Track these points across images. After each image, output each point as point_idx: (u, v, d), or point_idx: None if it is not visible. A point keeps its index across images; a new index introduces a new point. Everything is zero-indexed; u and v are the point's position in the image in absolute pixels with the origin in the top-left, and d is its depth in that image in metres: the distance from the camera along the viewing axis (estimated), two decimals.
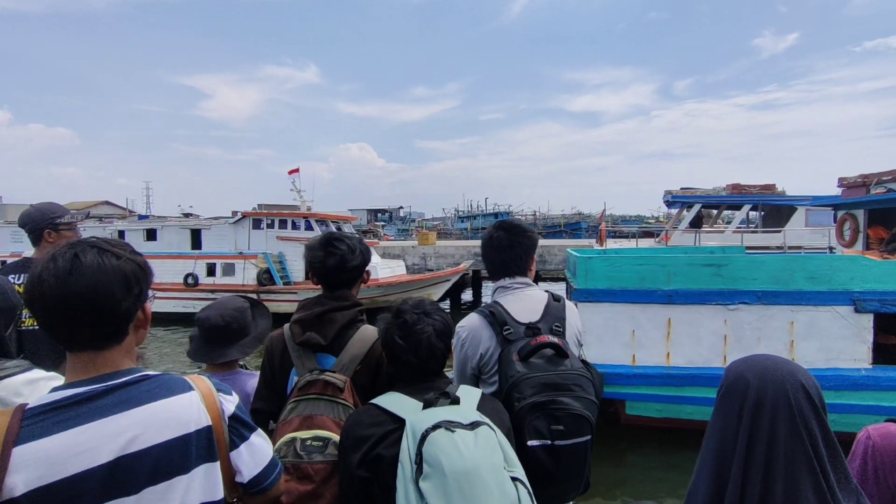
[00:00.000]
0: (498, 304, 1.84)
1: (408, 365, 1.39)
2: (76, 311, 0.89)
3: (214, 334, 1.87)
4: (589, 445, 1.61)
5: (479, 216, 45.11)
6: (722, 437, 0.96)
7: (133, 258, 0.97)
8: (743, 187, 11.75)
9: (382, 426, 1.29)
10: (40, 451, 0.83)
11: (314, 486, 1.43)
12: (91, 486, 0.85)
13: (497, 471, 1.15)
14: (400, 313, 1.42)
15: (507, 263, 1.93)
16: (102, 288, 0.90)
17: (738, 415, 0.95)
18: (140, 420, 0.91)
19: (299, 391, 1.55)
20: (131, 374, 0.95)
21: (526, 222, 2.27)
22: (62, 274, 0.89)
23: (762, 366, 0.96)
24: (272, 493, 1.16)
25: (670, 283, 5.44)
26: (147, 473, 0.90)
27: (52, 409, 0.87)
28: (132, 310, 0.96)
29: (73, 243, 0.94)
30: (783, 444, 0.90)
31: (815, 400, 0.93)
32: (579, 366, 1.67)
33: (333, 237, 1.75)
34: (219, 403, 1.03)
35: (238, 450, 1.07)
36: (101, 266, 0.91)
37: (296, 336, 1.65)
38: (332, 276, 1.71)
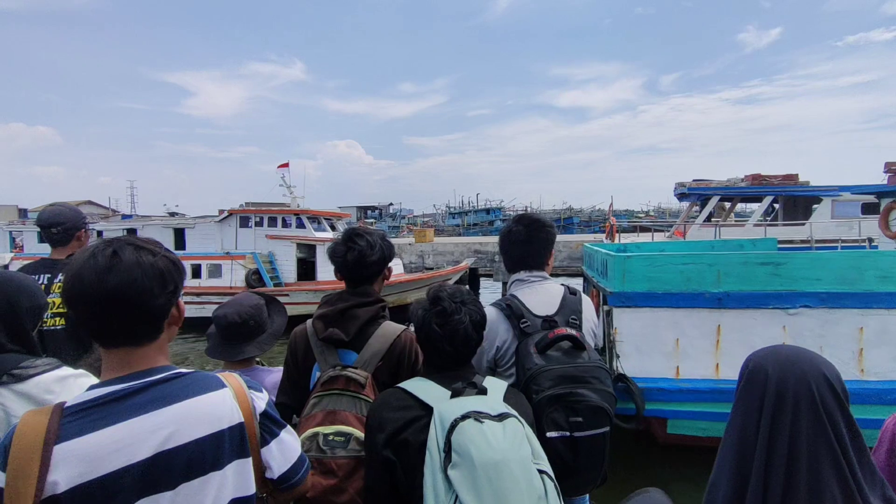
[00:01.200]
0: (514, 298, 1.84)
1: (441, 352, 1.39)
2: (115, 306, 0.91)
3: (232, 332, 1.88)
4: (607, 437, 1.62)
5: (470, 212, 44.91)
6: (743, 430, 0.95)
7: (168, 255, 0.99)
8: (764, 178, 11.17)
9: (409, 411, 1.30)
10: (80, 449, 0.85)
11: (337, 480, 1.43)
12: (129, 483, 0.87)
13: (525, 463, 1.15)
14: (438, 300, 1.41)
15: (525, 257, 1.93)
16: (140, 284, 0.92)
17: (758, 407, 0.93)
18: (175, 417, 0.93)
19: (322, 386, 1.56)
20: (166, 372, 0.97)
21: (545, 217, 2.15)
22: (102, 270, 0.91)
23: (783, 356, 0.95)
24: (301, 488, 1.18)
25: (720, 284, 4.79)
26: (182, 469, 0.91)
27: (90, 406, 0.89)
28: (167, 306, 0.98)
29: (110, 240, 0.96)
30: (806, 435, 0.89)
31: (839, 390, 0.92)
32: (597, 358, 1.68)
33: (355, 233, 1.74)
34: (250, 400, 1.05)
35: (269, 446, 1.08)
36: (139, 263, 0.93)
37: (318, 332, 1.66)
38: (353, 272, 1.71)
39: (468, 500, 1.09)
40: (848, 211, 10.52)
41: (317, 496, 1.42)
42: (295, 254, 14.47)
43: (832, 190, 10.66)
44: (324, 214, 15.79)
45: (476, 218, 42.59)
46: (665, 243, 8.89)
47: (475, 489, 1.09)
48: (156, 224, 15.56)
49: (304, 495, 1.28)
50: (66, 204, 2.50)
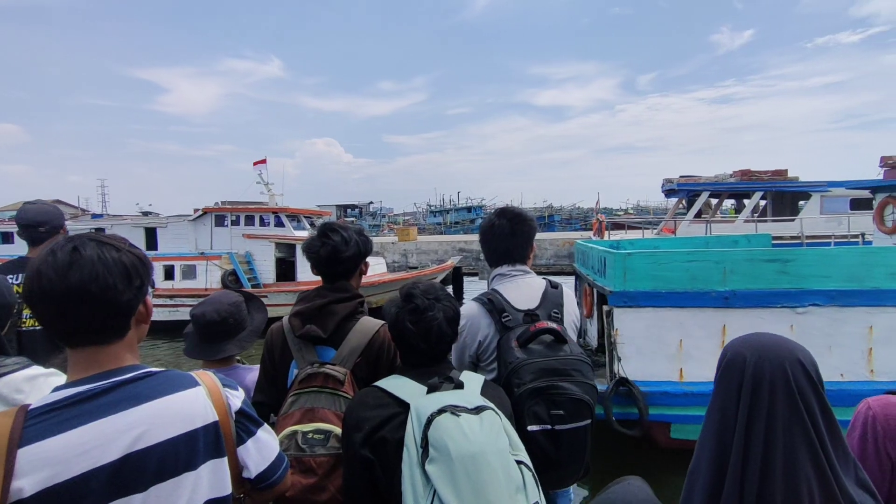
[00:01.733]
0: (496, 292, 1.86)
1: (416, 349, 1.40)
2: (77, 303, 0.88)
3: (210, 330, 1.86)
4: (589, 429, 1.63)
5: (451, 210, 44.99)
6: (722, 415, 0.96)
7: (133, 251, 0.97)
8: (753, 173, 11.14)
9: (386, 409, 1.30)
10: (45, 452, 0.83)
11: (317, 479, 1.43)
12: (98, 485, 0.85)
13: (503, 455, 1.15)
14: (411, 298, 1.41)
15: (509, 251, 1.94)
16: (104, 280, 0.90)
17: (737, 392, 0.95)
18: (146, 417, 0.90)
19: (300, 384, 1.55)
20: (135, 371, 0.95)
21: (526, 211, 2.15)
22: (62, 266, 0.88)
23: (760, 343, 0.97)
24: (279, 488, 1.16)
25: (727, 282, 4.59)
26: (154, 471, 0.89)
27: (56, 408, 0.87)
28: (133, 303, 0.95)
29: (71, 237, 0.93)
30: (782, 419, 0.91)
31: (813, 376, 0.94)
32: (578, 351, 1.69)
33: (329, 227, 1.73)
34: (225, 398, 1.02)
35: (245, 445, 1.06)
36: (101, 258, 0.91)
37: (295, 329, 1.65)
38: (327, 267, 1.70)
39: (446, 494, 1.08)
40: (837, 207, 10.54)
41: (296, 495, 1.40)
42: (273, 253, 13.99)
43: (821, 186, 10.67)
44: (304, 212, 15.32)
45: (457, 216, 42.66)
46: (658, 240, 8.73)
47: (453, 483, 1.09)
48: (126, 223, 14.90)
49: (284, 495, 1.27)
50: (44, 201, 2.44)
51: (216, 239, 14.09)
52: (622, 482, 1.03)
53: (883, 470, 1.16)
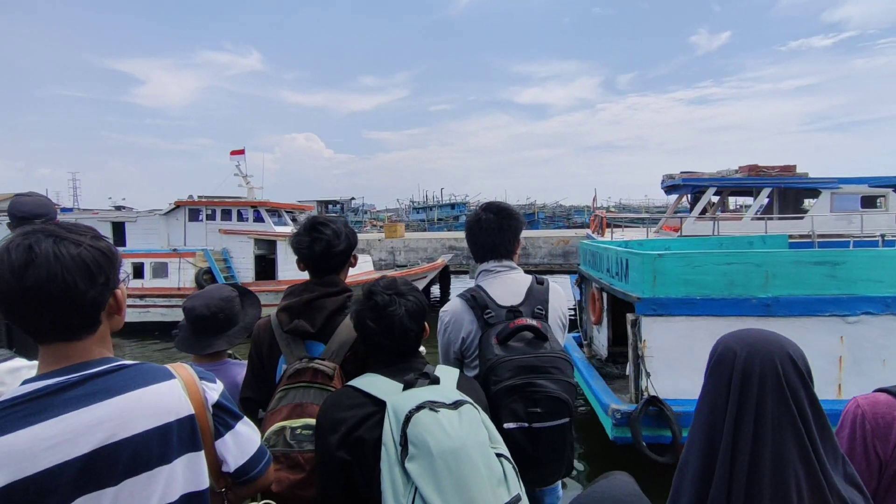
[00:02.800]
0: (480, 288, 1.87)
1: (381, 347, 1.40)
2: (38, 305, 0.86)
3: (201, 325, 1.85)
4: (568, 427, 1.62)
5: (434, 207, 44.76)
6: (712, 409, 0.97)
7: (94, 244, 0.93)
8: (761, 169, 10.77)
9: (362, 408, 1.29)
10: (10, 446, 0.82)
11: (305, 474, 1.42)
12: (67, 480, 0.84)
13: (483, 448, 1.17)
14: (371, 295, 1.40)
15: (496, 246, 1.94)
16: (62, 280, 0.86)
17: (727, 386, 0.95)
18: (117, 410, 0.89)
19: (288, 379, 1.54)
20: (106, 364, 0.93)
21: (512, 206, 2.06)
22: (18, 267, 0.85)
23: (750, 338, 0.98)
24: (261, 482, 1.15)
25: (769, 287, 4.11)
26: (126, 465, 0.88)
27: (23, 402, 0.86)
28: (101, 299, 0.93)
29: (28, 232, 0.90)
30: (771, 414, 0.92)
31: (803, 370, 0.95)
32: (559, 348, 1.71)
33: (318, 221, 1.72)
34: (202, 391, 1.01)
35: (223, 439, 1.05)
36: (57, 257, 0.87)
37: (283, 324, 1.64)
38: (319, 262, 1.69)
39: (428, 491, 1.08)
40: (847, 204, 10.23)
41: (284, 491, 1.40)
42: (253, 250, 13.24)
43: (831, 182, 10.35)
44: (285, 207, 14.58)
45: (441, 213, 42.46)
46: (668, 240, 8.27)
47: (435, 478, 1.08)
48: (91, 218, 14.00)
49: (270, 490, 1.29)
50: (37, 193, 2.43)
51: (190, 235, 13.31)
52: (608, 477, 0.98)
53: (871, 467, 1.15)
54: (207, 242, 13.15)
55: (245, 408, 1.31)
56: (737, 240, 7.63)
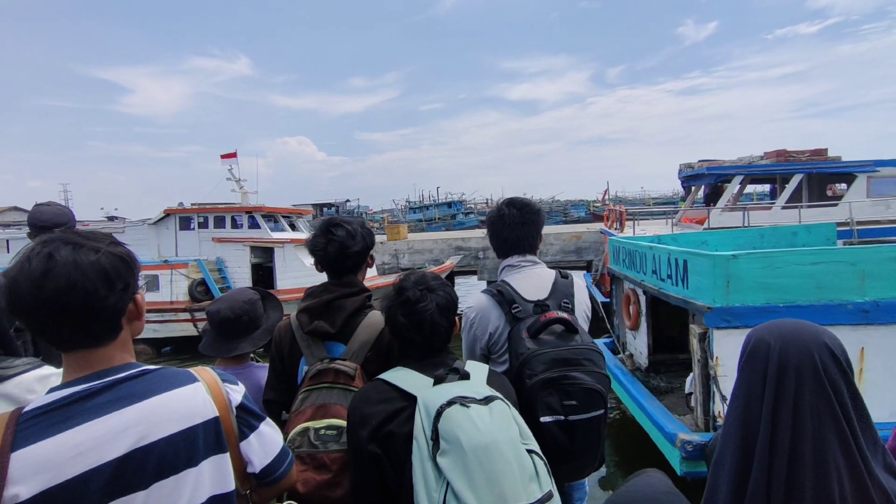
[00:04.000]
0: (505, 283, 1.87)
1: (412, 342, 1.41)
2: (58, 314, 0.87)
3: (226, 328, 1.89)
4: (602, 419, 1.64)
5: (431, 206, 44.39)
6: (747, 403, 0.97)
7: (112, 250, 0.94)
8: (790, 154, 10.18)
9: (392, 403, 1.30)
10: (40, 455, 0.82)
11: (331, 475, 1.42)
12: (97, 486, 0.84)
13: (514, 444, 1.17)
14: (402, 291, 1.42)
15: (520, 240, 1.96)
16: (81, 287, 0.87)
17: (762, 379, 0.94)
18: (143, 415, 0.90)
19: (310, 380, 1.55)
20: (129, 369, 0.94)
21: (533, 201, 2.08)
22: (37, 276, 0.86)
23: (784, 329, 0.97)
24: (285, 482, 1.16)
25: (865, 290, 3.49)
26: (154, 468, 0.89)
27: (50, 409, 0.86)
28: (121, 305, 0.94)
29: (47, 240, 0.91)
30: (810, 405, 0.91)
31: (842, 360, 0.94)
32: (589, 340, 1.71)
33: (333, 222, 1.73)
34: (225, 394, 1.02)
35: (248, 440, 1.07)
36: (77, 264, 0.88)
37: (303, 325, 1.65)
38: (335, 263, 1.70)
39: (460, 486, 1.08)
40: (885, 188, 9.63)
41: (310, 492, 1.40)
42: (249, 259, 12.58)
43: (867, 165, 9.75)
44: (281, 212, 13.88)
45: (438, 212, 41.92)
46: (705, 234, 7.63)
47: (467, 474, 1.09)
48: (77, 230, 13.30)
49: (295, 491, 1.33)
50: (56, 203, 2.47)
51: (182, 244, 12.63)
52: (642, 475, 0.93)
53: None
54: (200, 252, 12.48)
55: (268, 409, 1.30)
56: (778, 231, 7.03)
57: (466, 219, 38.55)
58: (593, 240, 15.73)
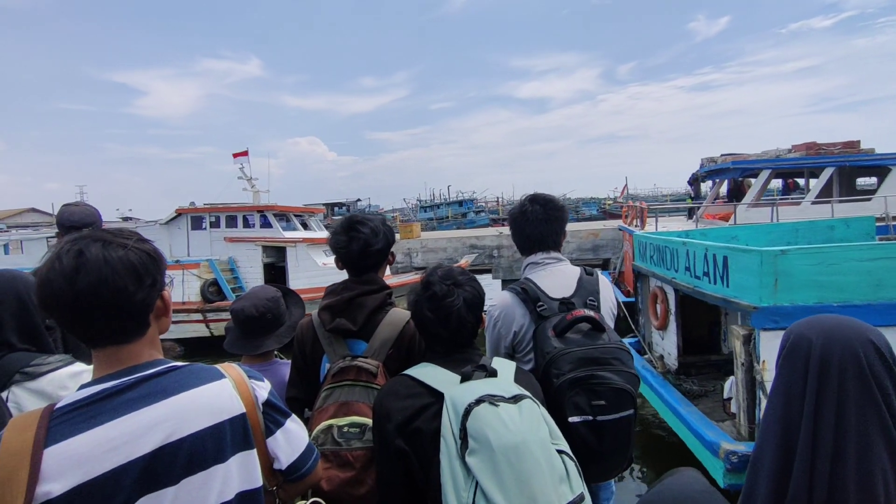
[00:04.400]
0: (529, 281, 1.86)
1: (438, 337, 1.40)
2: (89, 310, 0.88)
3: (250, 325, 1.91)
4: (632, 419, 1.61)
5: (442, 205, 44.32)
6: (787, 402, 0.94)
7: (140, 247, 0.96)
8: (821, 146, 9.78)
9: (419, 398, 1.29)
10: (72, 451, 0.84)
11: (355, 472, 1.43)
12: (129, 481, 0.86)
13: (544, 444, 1.16)
14: (429, 285, 1.41)
15: (544, 237, 1.93)
16: (111, 283, 0.89)
17: (802, 376, 0.92)
18: (173, 411, 0.91)
19: (333, 378, 1.56)
20: (158, 366, 0.95)
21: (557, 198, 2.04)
22: (68, 272, 0.87)
23: (826, 325, 0.94)
24: (311, 478, 1.17)
25: None
26: (184, 464, 0.90)
27: (81, 406, 0.88)
28: (149, 301, 0.95)
29: (76, 238, 0.92)
30: (854, 402, 0.88)
31: (888, 357, 0.90)
32: (617, 339, 1.69)
33: (355, 220, 1.73)
34: (251, 390, 1.03)
35: (274, 436, 1.08)
36: (107, 260, 0.90)
37: (325, 323, 1.66)
38: (358, 261, 1.70)
39: (489, 486, 1.07)
40: None
41: (334, 489, 1.40)
42: (261, 259, 12.47)
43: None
44: (293, 210, 13.76)
45: (451, 211, 41.86)
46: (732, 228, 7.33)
47: (496, 474, 1.08)
48: None
49: (319, 489, 1.33)
50: (84, 203, 2.59)
51: (194, 244, 12.55)
52: (676, 473, 0.91)
53: None
54: (212, 252, 12.39)
55: (291, 407, 1.30)
56: (815, 225, 6.71)
57: (478, 217, 38.37)
58: (610, 237, 15.40)
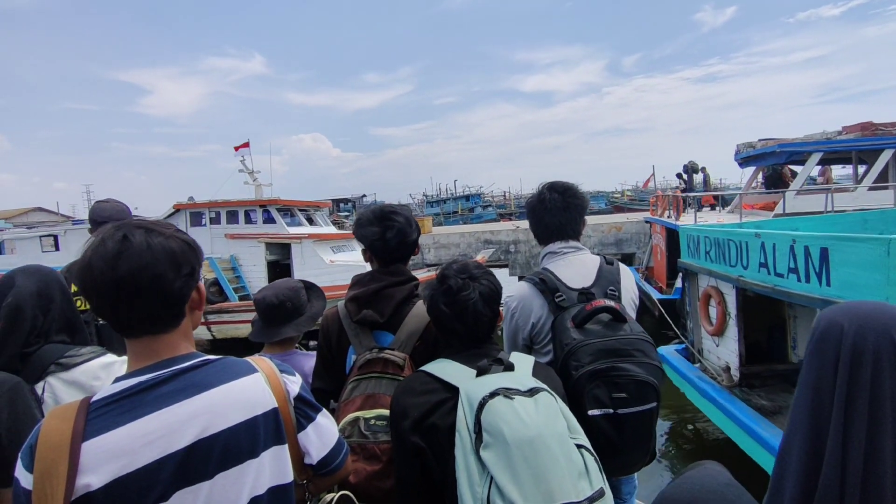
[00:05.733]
0: (547, 271, 1.84)
1: (454, 332, 1.41)
2: (129, 294, 0.90)
3: (270, 314, 2.01)
4: (654, 413, 1.59)
5: (448, 200, 44.02)
6: (817, 392, 0.89)
7: (180, 236, 0.98)
8: (877, 127, 9.03)
9: (434, 394, 1.30)
10: (111, 444, 0.85)
11: (382, 465, 1.44)
12: (166, 475, 0.87)
13: (562, 438, 1.15)
14: (444, 279, 1.42)
15: (563, 226, 1.92)
16: (152, 269, 0.91)
17: (833, 364, 0.87)
18: (208, 405, 0.92)
19: (359, 370, 1.57)
20: (193, 359, 0.96)
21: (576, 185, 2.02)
22: (111, 256, 0.90)
23: (861, 310, 0.90)
24: (340, 473, 1.18)
25: None
26: (218, 458, 0.91)
27: (118, 399, 0.89)
28: (185, 290, 0.96)
29: (120, 225, 0.95)
30: (890, 395, 0.83)
31: None
32: (639, 329, 1.66)
33: (387, 209, 1.74)
34: (283, 384, 1.04)
35: (305, 431, 1.09)
36: (150, 245, 0.92)
37: (352, 314, 1.67)
38: (393, 252, 1.70)
39: (504, 481, 1.07)
40: None
41: (361, 482, 1.41)
42: (264, 256, 11.92)
43: None
44: (298, 205, 13.19)
45: (455, 206, 41.56)
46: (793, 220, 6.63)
47: (511, 469, 1.08)
48: (79, 228, 12.84)
49: (348, 481, 1.32)
50: (115, 200, 2.71)
51: None
52: (699, 467, 0.89)
53: None
54: (213, 249, 11.86)
55: (317, 398, 1.24)
56: (886, 214, 5.99)
57: (485, 212, 38.00)
58: (634, 230, 14.73)
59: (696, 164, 17.47)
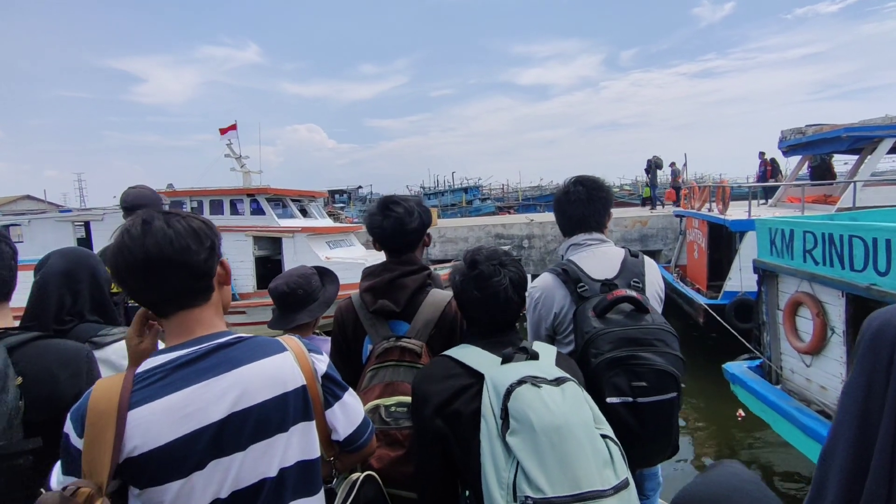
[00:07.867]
0: (571, 262, 1.87)
1: (481, 319, 1.43)
2: (158, 269, 0.98)
3: (284, 301, 2.09)
4: (675, 403, 1.60)
5: (446, 192, 43.63)
6: (867, 395, 0.88)
7: (197, 217, 1.08)
8: None
9: (458, 379, 1.32)
10: (153, 414, 0.93)
11: (404, 451, 1.48)
12: (202, 445, 0.94)
13: (588, 427, 1.17)
14: (475, 264, 1.43)
15: (587, 218, 1.96)
16: (177, 242, 1.00)
17: (886, 367, 0.85)
18: (242, 380, 0.99)
19: (377, 359, 1.62)
20: (227, 336, 1.04)
21: (601, 179, 2.05)
22: (138, 237, 0.99)
23: None
24: (367, 450, 1.26)
25: None
26: (250, 431, 0.98)
27: (158, 372, 0.97)
28: (210, 262, 1.05)
29: (140, 213, 1.04)
30: None
31: None
32: (662, 321, 1.68)
33: (391, 200, 1.78)
34: (311, 363, 1.11)
35: (332, 409, 1.15)
36: (170, 224, 1.01)
37: (368, 304, 1.71)
38: (392, 240, 1.76)
39: (531, 466, 1.09)
40: None
41: (384, 468, 1.45)
42: (252, 251, 10.88)
43: None
44: (289, 194, 12.13)
45: (453, 198, 41.15)
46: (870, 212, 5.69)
47: (538, 455, 1.10)
48: (48, 218, 11.78)
49: (371, 467, 1.41)
50: (145, 186, 2.84)
51: None
52: (721, 465, 0.87)
53: None
54: None
55: None
56: None
57: (483, 205, 37.40)
58: (661, 225, 13.83)
59: (661, 160, 16.87)
